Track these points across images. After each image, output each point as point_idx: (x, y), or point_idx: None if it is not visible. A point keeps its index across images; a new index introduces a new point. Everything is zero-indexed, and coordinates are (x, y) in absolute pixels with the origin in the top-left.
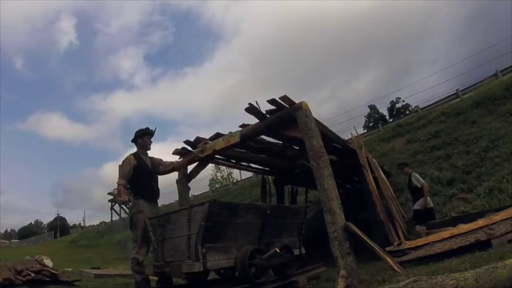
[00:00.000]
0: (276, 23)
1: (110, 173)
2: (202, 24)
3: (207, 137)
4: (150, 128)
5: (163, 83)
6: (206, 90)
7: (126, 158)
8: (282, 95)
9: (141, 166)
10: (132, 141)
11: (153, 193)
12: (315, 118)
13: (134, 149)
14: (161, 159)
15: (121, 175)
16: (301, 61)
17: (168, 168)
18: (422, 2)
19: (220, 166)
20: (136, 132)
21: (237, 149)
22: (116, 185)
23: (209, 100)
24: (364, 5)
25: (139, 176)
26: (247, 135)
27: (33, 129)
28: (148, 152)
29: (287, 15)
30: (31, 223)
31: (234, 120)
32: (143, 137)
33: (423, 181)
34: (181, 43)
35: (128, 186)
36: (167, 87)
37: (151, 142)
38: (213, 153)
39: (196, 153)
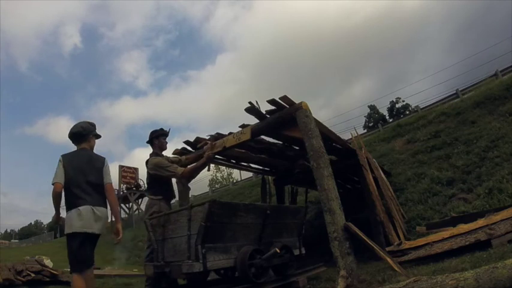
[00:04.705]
0: (272, 38)
1: (112, 174)
2: (204, 43)
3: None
4: (165, 129)
5: (167, 89)
6: (208, 98)
7: (156, 158)
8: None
9: None
10: (148, 142)
11: (173, 195)
12: (314, 118)
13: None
14: (168, 157)
15: (171, 164)
16: (296, 71)
17: (180, 164)
18: (415, 12)
19: (220, 166)
20: (152, 134)
21: (237, 149)
22: (178, 172)
23: (211, 107)
24: (358, 16)
25: (165, 177)
26: (258, 132)
27: (40, 133)
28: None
29: (282, 28)
30: (31, 223)
31: (235, 126)
32: (159, 138)
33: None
34: (185, 51)
35: (149, 186)
36: (171, 93)
37: (167, 143)
38: (223, 150)
39: (206, 149)
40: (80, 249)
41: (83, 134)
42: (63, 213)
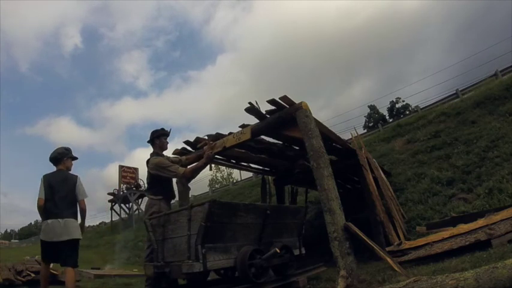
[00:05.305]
0: (272, 39)
1: (113, 174)
2: (204, 44)
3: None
4: (166, 129)
5: (168, 89)
6: (208, 98)
7: (157, 158)
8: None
9: None
10: (149, 142)
11: (173, 195)
12: (314, 118)
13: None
14: (169, 156)
15: (172, 164)
16: (296, 71)
17: (180, 164)
18: (415, 13)
19: (220, 166)
20: (153, 133)
21: (237, 149)
22: (180, 171)
23: (211, 107)
24: (358, 17)
25: (166, 177)
26: (258, 132)
27: (41, 133)
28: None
29: (282, 29)
30: (31, 223)
31: (235, 126)
32: (160, 138)
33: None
34: (185, 51)
35: (150, 186)
36: (171, 93)
37: (168, 142)
38: (223, 150)
39: (206, 150)
40: (46, 251)
41: (58, 158)
42: None
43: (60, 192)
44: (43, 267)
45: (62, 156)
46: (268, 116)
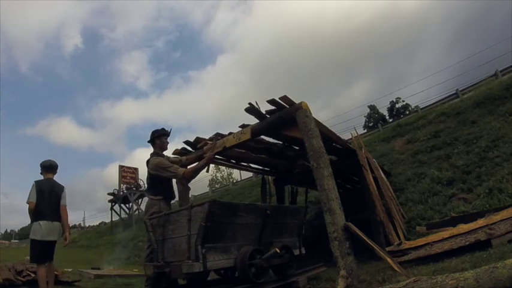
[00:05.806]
0: (272, 40)
1: (113, 174)
2: (205, 46)
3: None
4: (166, 129)
5: (168, 90)
6: (208, 99)
7: (157, 158)
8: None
9: None
10: (149, 142)
11: (173, 196)
12: (314, 118)
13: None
14: (169, 157)
15: (172, 165)
16: (296, 72)
17: (180, 164)
18: (415, 13)
19: (220, 166)
20: (153, 133)
21: (237, 149)
22: (179, 172)
23: (211, 108)
24: (358, 18)
25: (166, 178)
26: (258, 132)
27: (41, 134)
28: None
29: (282, 30)
30: None
31: (235, 126)
32: (161, 138)
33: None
34: (186, 52)
35: (150, 186)
36: (171, 94)
37: (168, 143)
38: (223, 150)
39: (206, 150)
40: (40, 251)
41: (55, 166)
42: None
43: (49, 198)
44: (40, 269)
45: (56, 167)
46: (268, 116)
